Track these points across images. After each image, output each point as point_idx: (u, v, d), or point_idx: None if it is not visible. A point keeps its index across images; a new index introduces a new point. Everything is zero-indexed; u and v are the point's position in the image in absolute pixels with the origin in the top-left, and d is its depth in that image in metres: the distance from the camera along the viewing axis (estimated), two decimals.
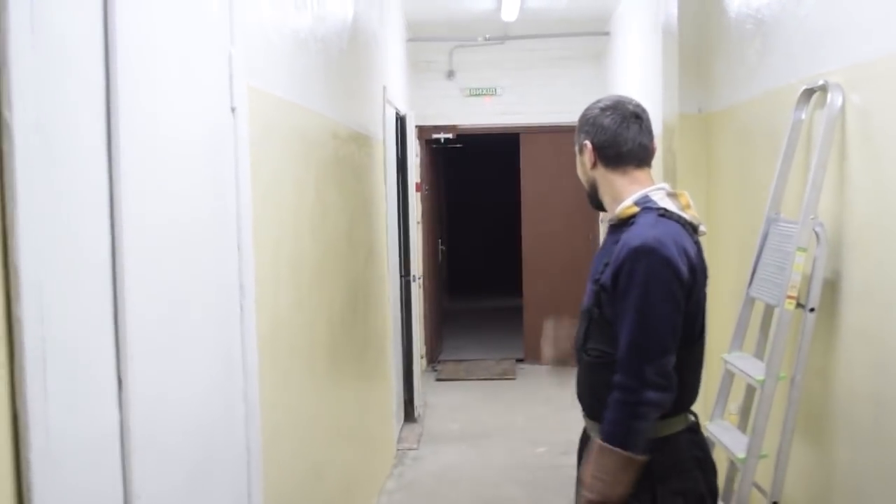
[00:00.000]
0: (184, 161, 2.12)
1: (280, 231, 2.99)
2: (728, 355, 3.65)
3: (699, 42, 4.78)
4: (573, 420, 7.23)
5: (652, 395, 2.28)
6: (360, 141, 5.02)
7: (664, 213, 2.42)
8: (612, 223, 2.56)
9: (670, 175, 4.96)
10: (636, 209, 2.47)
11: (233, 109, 2.45)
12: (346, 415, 4.34)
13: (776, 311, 3.20)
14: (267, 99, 2.87)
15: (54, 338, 1.43)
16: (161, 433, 1.90)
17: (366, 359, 4.99)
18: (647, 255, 2.33)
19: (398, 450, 6.38)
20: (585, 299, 2.57)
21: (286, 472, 2.98)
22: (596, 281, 2.50)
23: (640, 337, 2.31)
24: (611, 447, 2.30)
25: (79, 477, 1.55)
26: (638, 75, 7.15)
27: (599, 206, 2.66)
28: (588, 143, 2.59)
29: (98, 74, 1.68)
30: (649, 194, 2.50)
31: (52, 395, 1.41)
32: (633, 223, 2.44)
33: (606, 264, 2.44)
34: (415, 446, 6.50)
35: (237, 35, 2.50)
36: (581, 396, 2.66)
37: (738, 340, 3.66)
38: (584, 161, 2.62)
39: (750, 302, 3.61)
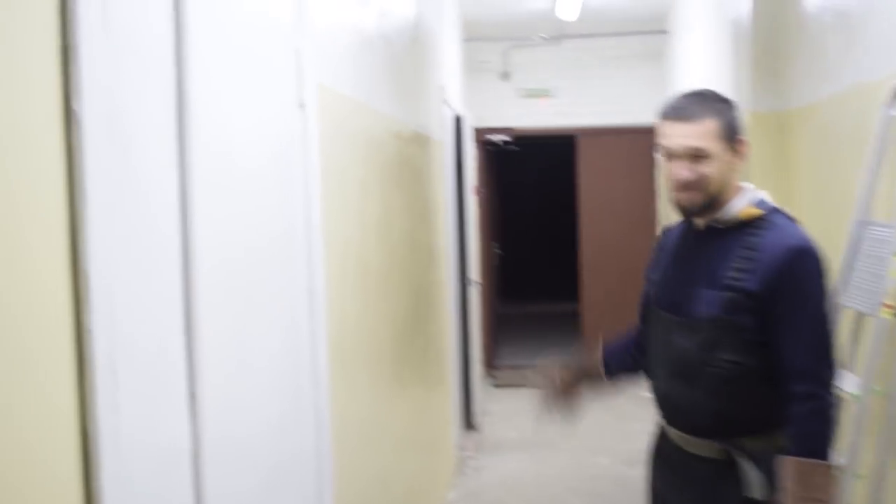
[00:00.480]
0: (253, 160, 2.01)
1: (347, 234, 2.87)
2: None
3: (774, 37, 4.59)
4: (635, 430, 7.12)
5: (836, 401, 2.24)
6: (421, 142, 4.91)
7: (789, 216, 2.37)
8: (718, 226, 2.39)
9: (744, 176, 4.77)
10: (759, 211, 2.33)
11: (301, 106, 2.34)
12: (410, 422, 4.22)
13: (871, 321, 3.01)
14: (335, 97, 2.76)
15: (125, 350, 1.32)
16: (232, 445, 1.79)
17: (427, 365, 4.87)
18: (813, 257, 2.28)
19: (458, 458, 6.25)
20: (702, 307, 2.36)
21: (354, 482, 2.86)
22: (728, 287, 2.31)
23: (824, 341, 2.25)
24: (820, 462, 2.16)
25: (151, 494, 1.44)
26: (701, 74, 6.94)
27: (699, 213, 2.43)
28: (744, 139, 2.40)
29: (169, 67, 1.57)
30: (762, 197, 2.40)
31: (124, 412, 1.30)
32: (762, 225, 2.32)
33: (740, 269, 2.28)
34: (475, 455, 6.37)
35: (306, 30, 2.39)
36: (690, 412, 2.44)
37: None
38: (736, 159, 2.39)
39: (839, 311, 3.42)
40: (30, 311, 1.14)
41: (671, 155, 2.36)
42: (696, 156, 2.31)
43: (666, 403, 2.53)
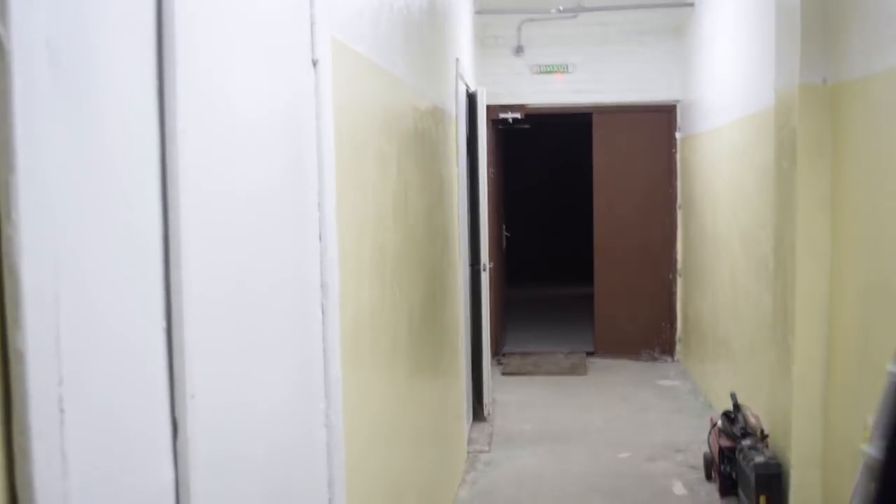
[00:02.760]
0: (257, 123, 1.63)
1: (363, 215, 2.50)
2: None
3: (824, 4, 4.19)
4: (655, 421, 6.76)
5: None
6: (437, 116, 4.53)
7: None
8: None
9: (787, 154, 4.38)
10: None
11: (314, 63, 1.96)
12: (424, 417, 3.85)
13: None
14: (351, 56, 2.37)
15: (76, 375, 0.95)
16: (228, 483, 1.42)
17: (442, 356, 4.51)
18: None
19: (469, 452, 5.90)
20: None
21: (366, 480, 2.49)
22: None
23: None
24: None
25: None
26: (729, 48, 6.55)
27: None
28: None
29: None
30: None
31: (73, 463, 0.93)
32: None
33: None
34: (486, 448, 6.01)
35: None
36: None
37: None
38: None
39: None
40: None
41: None
42: None
43: None
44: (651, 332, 8.76)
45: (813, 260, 4.25)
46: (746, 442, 4.73)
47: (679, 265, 8.63)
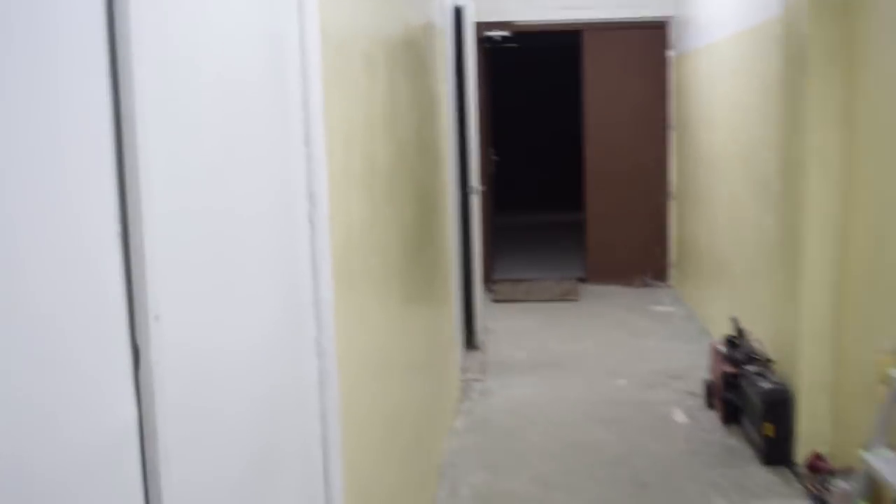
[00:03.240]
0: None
1: (352, 121, 2.25)
2: None
3: None
4: (650, 348, 6.59)
5: None
6: (425, 27, 4.25)
7: None
8: None
9: (797, 68, 4.14)
10: None
11: None
12: (419, 347, 3.66)
13: None
14: None
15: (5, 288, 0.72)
16: (203, 422, 1.21)
17: (435, 281, 4.30)
18: None
19: (463, 381, 5.74)
20: None
21: (361, 414, 2.29)
22: None
23: None
24: None
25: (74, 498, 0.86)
26: None
27: None
28: None
29: None
30: None
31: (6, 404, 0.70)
32: None
33: None
34: (480, 377, 5.85)
35: None
36: None
37: None
38: None
39: None
40: None
41: None
42: None
43: None
44: (644, 258, 8.58)
45: (823, 177, 4.03)
46: (751, 368, 4.58)
47: (672, 188, 8.41)
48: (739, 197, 5.77)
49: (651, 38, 8.34)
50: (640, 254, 8.58)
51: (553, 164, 13.94)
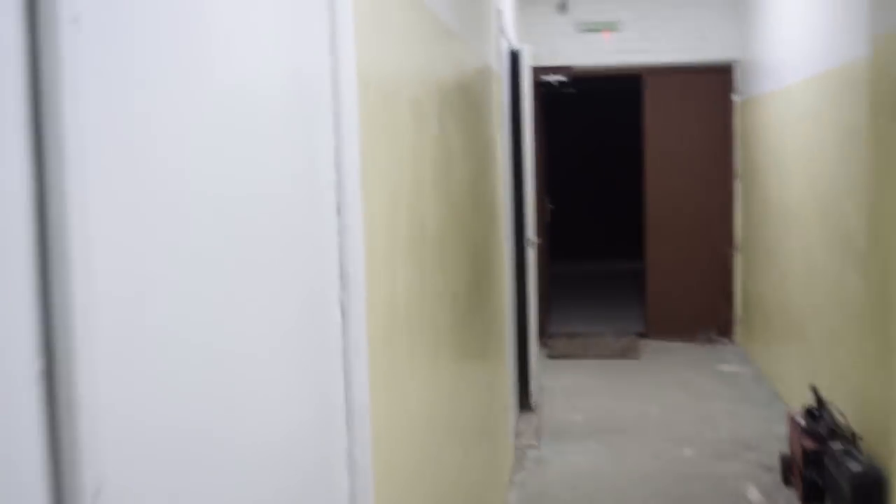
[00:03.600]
0: (231, 38, 1.07)
1: (397, 182, 1.93)
2: None
3: None
4: (716, 411, 6.12)
5: None
6: (482, 71, 3.95)
7: None
8: None
9: (887, 110, 3.75)
10: None
11: None
12: (470, 418, 3.30)
13: None
14: None
15: None
16: None
17: (488, 345, 3.95)
18: None
19: (516, 448, 5.35)
20: None
21: (401, 492, 1.94)
22: None
23: None
24: None
25: None
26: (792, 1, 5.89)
27: None
28: None
29: None
30: None
31: None
32: None
33: None
34: (535, 443, 5.46)
35: None
36: None
37: None
38: None
39: None
40: None
41: None
42: None
43: None
44: (707, 312, 8.13)
45: None
46: (836, 445, 4.13)
47: (738, 239, 7.98)
48: (815, 252, 5.34)
49: (714, 82, 7.98)
50: (702, 308, 8.14)
51: (612, 212, 13.53)
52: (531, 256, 6.13)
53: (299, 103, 1.25)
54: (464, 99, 3.22)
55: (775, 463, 4.88)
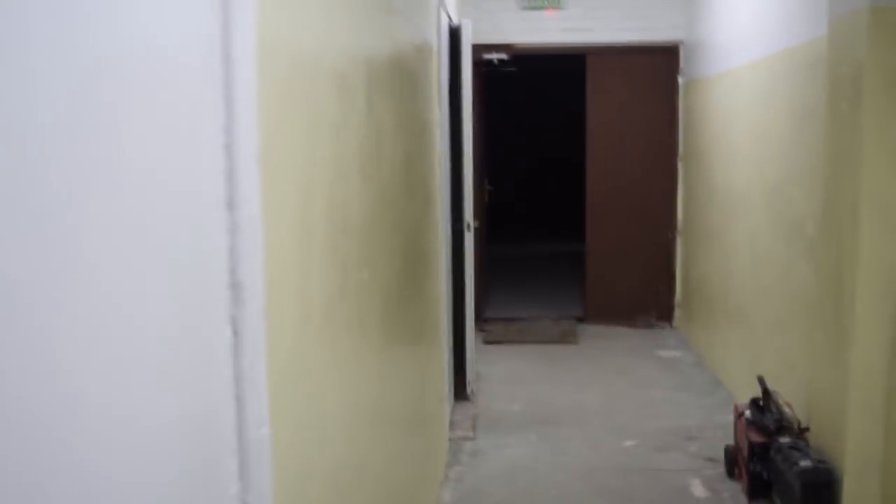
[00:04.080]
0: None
1: (314, 164, 1.67)
2: None
3: None
4: (659, 400, 5.94)
5: None
6: (419, 46, 3.68)
7: None
8: None
9: (847, 94, 3.58)
10: None
11: None
12: (400, 413, 3.05)
13: None
14: None
15: None
16: None
17: (423, 333, 3.71)
18: None
19: (451, 440, 5.12)
20: None
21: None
22: None
23: None
24: None
25: None
26: None
27: None
28: None
29: None
30: None
31: None
32: None
33: None
34: (471, 434, 5.24)
35: None
36: None
37: None
38: None
39: None
40: None
41: None
42: None
43: None
44: (647, 297, 8.00)
45: (881, 223, 3.47)
46: (784, 439, 3.99)
47: (680, 223, 7.85)
48: (762, 237, 5.19)
49: (659, 62, 7.80)
50: (643, 292, 8.00)
51: (553, 194, 13.38)
52: (469, 241, 5.90)
53: (169, 71, 0.98)
54: (399, 75, 2.96)
55: (719, 454, 4.74)
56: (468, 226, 5.80)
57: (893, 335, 3.51)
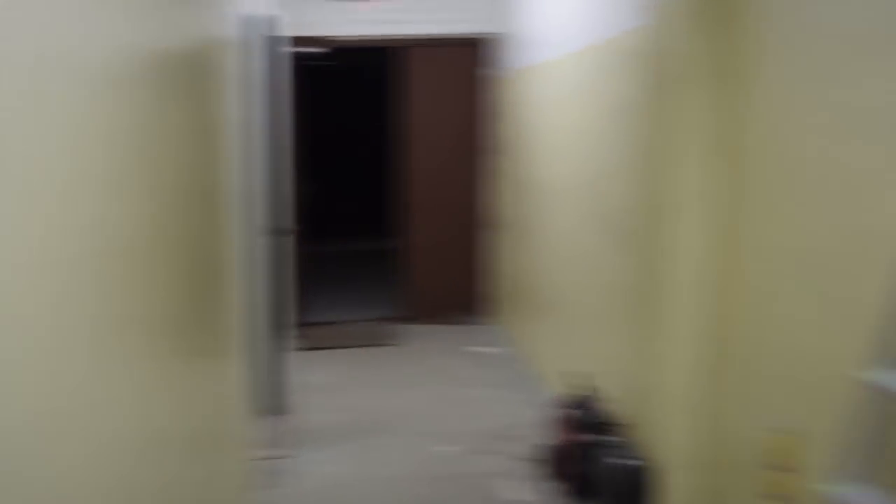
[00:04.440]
0: None
1: (44, 187, 1.40)
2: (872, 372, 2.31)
3: None
4: (477, 400, 5.80)
5: None
6: (210, 39, 3.40)
7: None
8: None
9: (663, 89, 3.54)
10: None
11: None
12: (179, 445, 2.79)
13: None
14: None
15: None
16: None
17: (214, 350, 3.43)
18: None
19: (267, 458, 4.83)
20: None
21: None
22: None
23: None
24: None
25: None
26: None
27: None
28: None
29: None
30: None
31: None
32: None
33: None
34: (289, 452, 4.97)
35: None
36: None
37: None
38: None
39: None
40: None
41: None
42: None
43: None
44: (464, 293, 7.94)
45: (696, 218, 3.44)
46: (603, 436, 3.95)
47: (495, 217, 7.80)
48: (580, 232, 5.14)
49: (472, 55, 7.72)
50: (459, 289, 7.94)
51: (374, 191, 13.15)
52: (286, 245, 5.62)
53: None
54: (182, 73, 2.68)
55: (537, 454, 4.68)
56: (285, 230, 5.52)
57: (712, 332, 3.50)
